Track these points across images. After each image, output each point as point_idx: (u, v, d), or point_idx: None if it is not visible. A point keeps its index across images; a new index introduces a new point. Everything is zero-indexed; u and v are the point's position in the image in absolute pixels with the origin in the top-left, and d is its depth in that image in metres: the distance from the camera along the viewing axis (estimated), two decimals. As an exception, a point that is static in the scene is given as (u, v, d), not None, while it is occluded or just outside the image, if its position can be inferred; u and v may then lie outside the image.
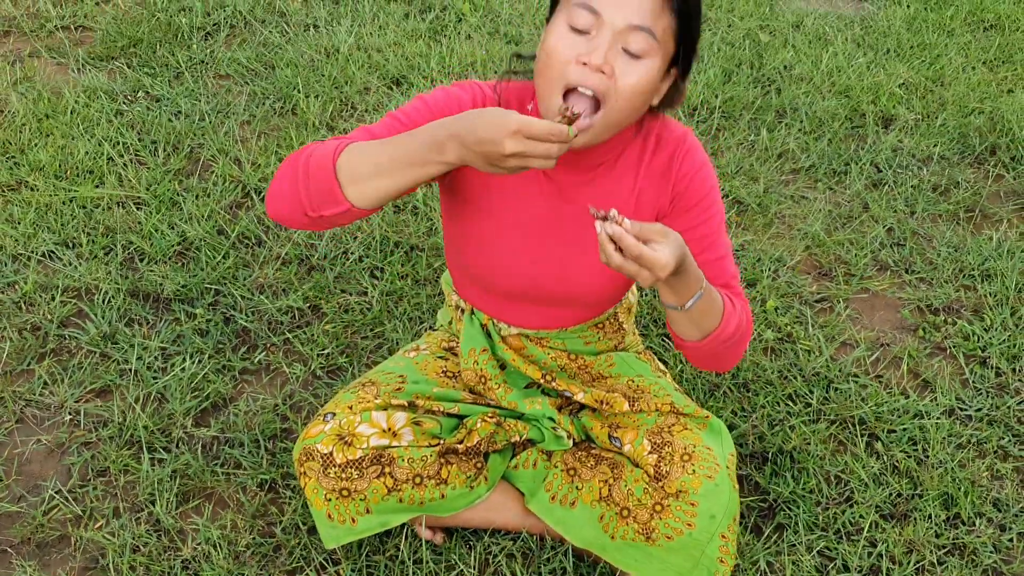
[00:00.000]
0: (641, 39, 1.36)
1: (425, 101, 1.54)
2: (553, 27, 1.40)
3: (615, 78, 1.36)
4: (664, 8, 1.36)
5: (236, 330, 2.42)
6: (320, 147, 1.42)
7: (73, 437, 2.12)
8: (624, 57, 1.37)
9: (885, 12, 4.30)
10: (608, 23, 1.35)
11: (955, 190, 3.10)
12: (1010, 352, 2.46)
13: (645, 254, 1.26)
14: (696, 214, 1.59)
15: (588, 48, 1.36)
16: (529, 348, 1.81)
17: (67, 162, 2.93)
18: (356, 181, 1.37)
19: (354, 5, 4.05)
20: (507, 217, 1.61)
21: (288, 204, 1.43)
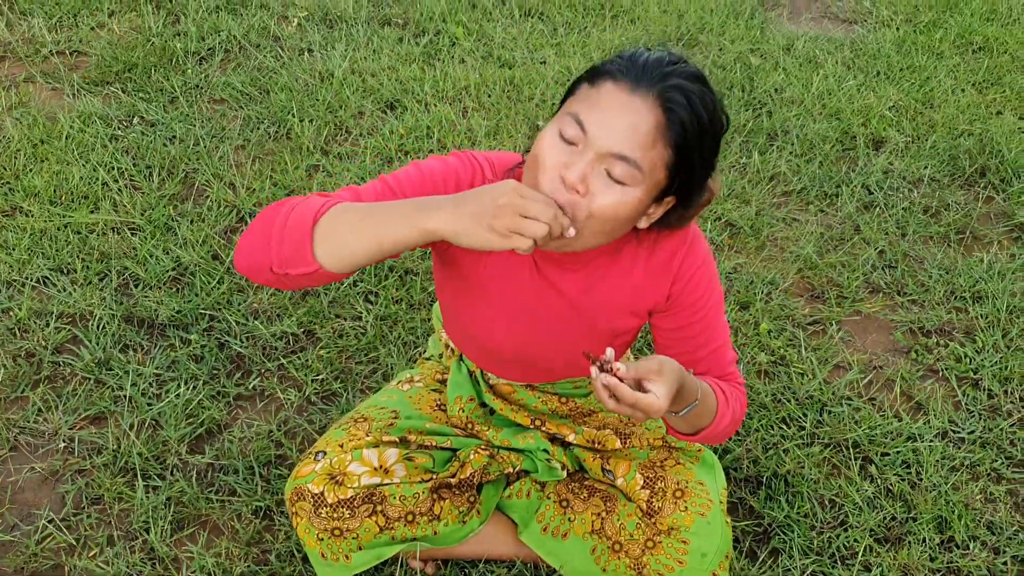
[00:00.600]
0: (624, 168, 1.27)
1: (419, 168, 1.48)
2: (547, 131, 1.33)
3: (590, 197, 1.29)
4: (657, 141, 1.27)
5: (231, 356, 2.42)
6: (304, 203, 1.35)
7: (67, 465, 2.12)
8: (605, 179, 1.29)
9: (875, 35, 4.34)
10: (593, 143, 1.27)
11: (946, 212, 3.12)
12: (1002, 374, 2.47)
13: (640, 402, 1.25)
14: (691, 312, 1.57)
15: (569, 161, 1.29)
16: (519, 392, 1.80)
17: (62, 187, 2.94)
18: (329, 240, 1.30)
19: (348, 30, 4.07)
20: (498, 302, 1.58)
21: (257, 256, 1.35)
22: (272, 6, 4.22)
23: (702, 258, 1.55)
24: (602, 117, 1.27)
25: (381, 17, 4.24)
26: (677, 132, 1.27)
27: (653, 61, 1.29)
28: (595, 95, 1.29)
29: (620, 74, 1.28)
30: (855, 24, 4.52)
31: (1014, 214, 3.12)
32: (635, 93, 1.27)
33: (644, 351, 2.48)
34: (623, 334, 1.63)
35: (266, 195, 2.96)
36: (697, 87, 1.29)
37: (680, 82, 1.27)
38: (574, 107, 1.31)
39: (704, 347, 1.58)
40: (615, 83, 1.28)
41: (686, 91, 1.27)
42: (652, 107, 1.26)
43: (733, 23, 4.32)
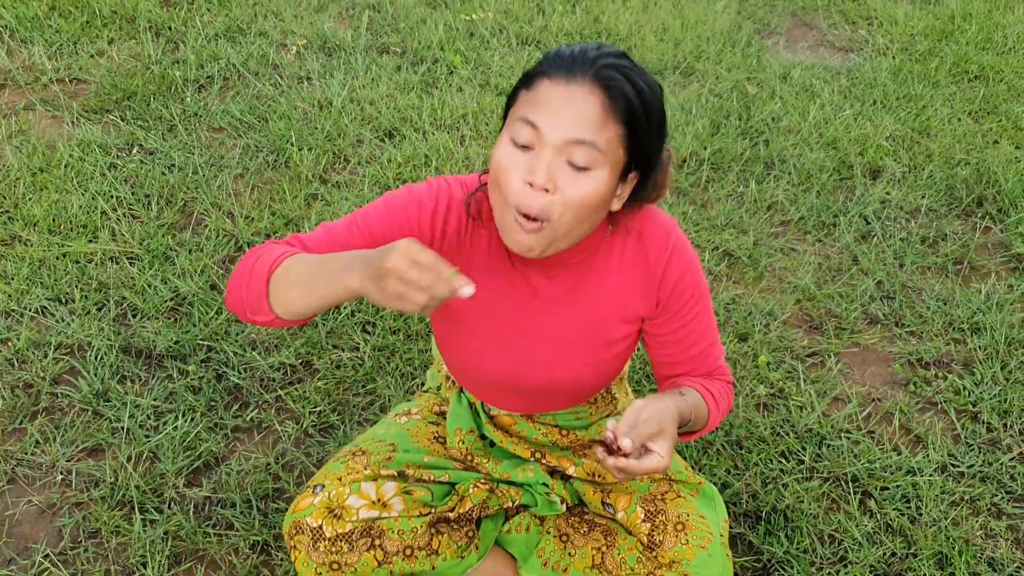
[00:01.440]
0: (584, 152, 1.31)
1: (386, 203, 1.51)
2: (500, 142, 1.36)
3: (560, 191, 1.32)
4: (608, 119, 1.31)
5: (228, 387, 2.42)
6: (267, 254, 1.39)
7: (65, 497, 2.11)
8: (569, 170, 1.32)
9: (871, 63, 4.36)
10: (548, 138, 1.31)
11: (943, 242, 3.13)
12: (1001, 407, 2.47)
13: (648, 469, 1.34)
14: (679, 316, 1.60)
15: (531, 165, 1.32)
16: (519, 424, 1.80)
17: (61, 216, 2.94)
18: (280, 294, 1.35)
19: (347, 58, 4.09)
20: (484, 330, 1.60)
21: (235, 300, 1.42)
22: (271, 34, 4.24)
23: (687, 264, 1.59)
24: (550, 111, 1.32)
25: (379, 46, 4.26)
26: (623, 106, 1.32)
27: (578, 52, 1.34)
28: (535, 96, 1.34)
29: (553, 70, 1.33)
30: (851, 53, 4.54)
31: (1011, 244, 3.13)
32: (572, 83, 1.32)
33: (643, 383, 2.48)
34: (616, 343, 1.63)
35: (264, 224, 2.97)
36: (626, 62, 1.35)
37: (611, 60, 1.33)
38: (519, 112, 1.35)
39: (694, 347, 1.63)
40: (551, 80, 1.33)
41: (619, 67, 1.33)
42: (592, 90, 1.31)
43: (730, 52, 4.34)
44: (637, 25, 4.54)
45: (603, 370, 1.67)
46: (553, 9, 4.64)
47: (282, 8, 4.48)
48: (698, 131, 3.63)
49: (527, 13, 4.60)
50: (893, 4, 5.02)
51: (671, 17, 4.63)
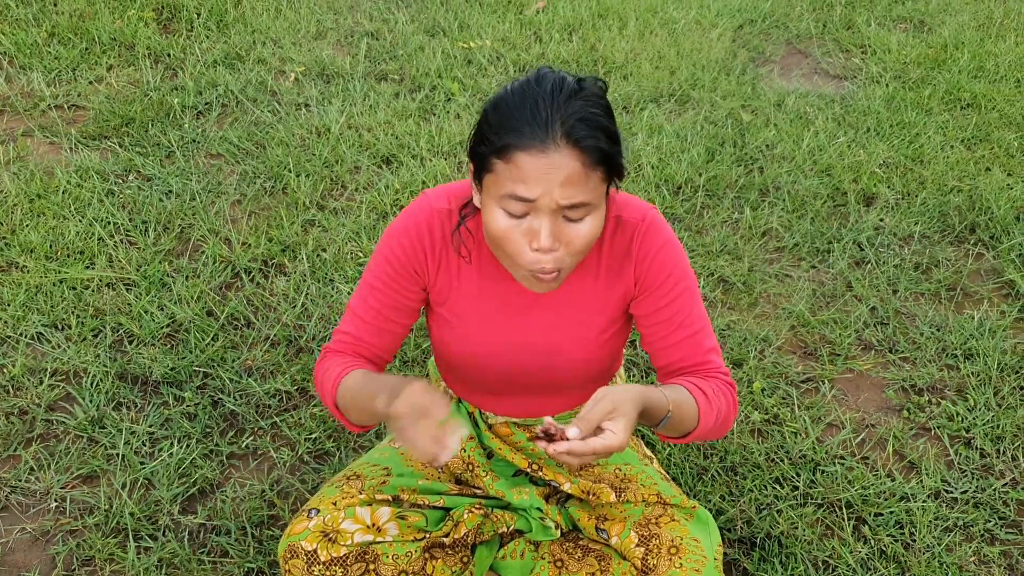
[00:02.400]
0: (578, 210, 1.39)
1: (383, 255, 1.63)
2: (491, 213, 1.43)
3: (567, 243, 1.42)
4: (589, 172, 1.37)
5: (224, 414, 2.42)
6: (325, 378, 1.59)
7: (58, 525, 2.11)
8: (568, 223, 1.41)
9: (865, 91, 4.40)
10: (542, 205, 1.37)
11: (936, 269, 3.15)
12: (994, 433, 2.48)
13: (597, 448, 1.30)
14: (662, 294, 1.62)
15: (532, 231, 1.40)
16: (517, 435, 1.83)
17: (58, 243, 2.96)
18: (349, 416, 1.57)
19: (345, 85, 4.12)
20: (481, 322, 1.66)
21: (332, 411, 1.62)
22: (270, 61, 4.27)
23: (663, 240, 1.62)
24: (537, 185, 1.36)
25: (378, 73, 4.29)
26: (597, 156, 1.37)
27: (540, 107, 1.36)
28: (516, 171, 1.37)
29: (524, 141, 1.35)
30: (845, 81, 4.58)
31: (1004, 271, 3.15)
32: (547, 151, 1.35)
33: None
34: (606, 328, 1.67)
35: (261, 251, 2.98)
36: (581, 104, 1.37)
37: (575, 113, 1.36)
38: (505, 187, 1.38)
39: (681, 330, 1.63)
40: (527, 152, 1.35)
41: (582, 117, 1.36)
42: (568, 154, 1.35)
43: (724, 79, 4.38)
44: (633, 53, 4.58)
45: (596, 358, 1.70)
46: (550, 37, 4.69)
47: (281, 35, 4.52)
48: (693, 158, 3.65)
49: (524, 41, 4.64)
50: (886, 33, 5.07)
51: (667, 45, 4.67)
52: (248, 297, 2.81)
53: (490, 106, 1.43)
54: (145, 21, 4.51)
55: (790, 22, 5.17)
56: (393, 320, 1.65)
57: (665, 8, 5.14)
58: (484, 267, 1.63)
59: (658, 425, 1.49)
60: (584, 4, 5.11)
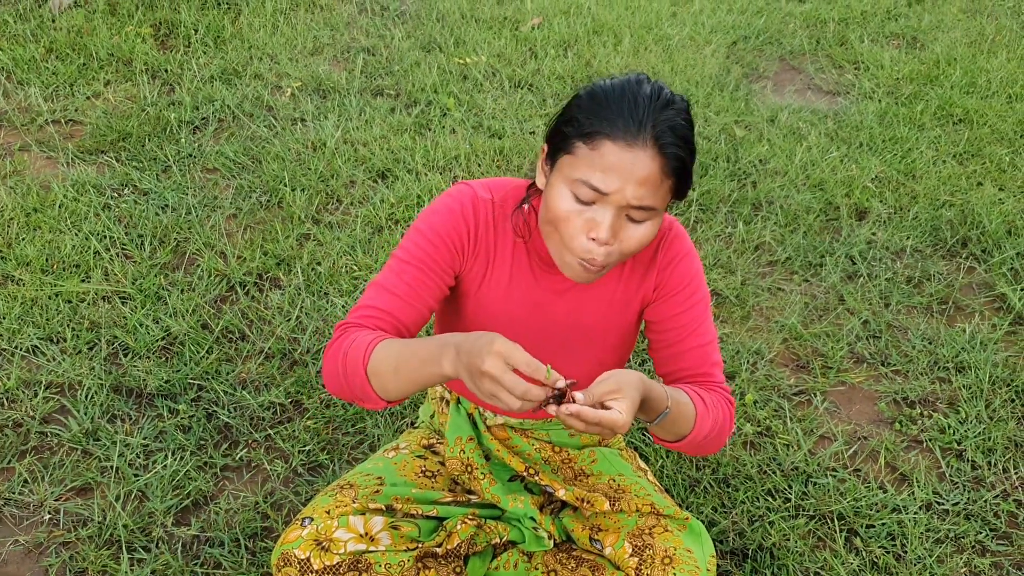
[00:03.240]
0: (643, 212, 1.44)
1: (422, 232, 1.61)
2: (558, 193, 1.46)
3: (620, 241, 1.46)
4: (663, 180, 1.42)
5: (218, 426, 2.43)
6: (355, 346, 1.48)
7: (52, 537, 2.11)
8: (629, 223, 1.45)
9: (857, 107, 4.43)
10: (612, 200, 1.42)
11: (928, 283, 3.17)
12: (985, 445, 2.49)
13: (604, 420, 1.31)
14: (679, 301, 1.67)
15: (594, 221, 1.44)
16: (514, 439, 1.85)
17: (54, 256, 2.97)
18: (381, 382, 1.45)
19: (341, 100, 4.15)
20: (496, 320, 1.69)
21: (340, 391, 1.53)
22: (266, 77, 4.30)
23: (686, 250, 1.68)
24: (615, 177, 1.40)
25: (373, 88, 4.32)
26: (676, 166, 1.42)
27: (636, 105, 1.41)
28: (598, 158, 1.41)
29: (615, 132, 1.40)
30: (838, 96, 4.61)
31: (995, 284, 3.16)
32: (635, 148, 1.39)
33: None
34: (615, 332, 1.72)
35: (256, 264, 2.99)
36: (674, 114, 1.42)
37: (666, 120, 1.41)
38: (581, 172, 1.43)
39: (691, 338, 1.67)
40: (613, 143, 1.40)
41: (673, 126, 1.41)
42: (652, 156, 1.40)
43: (718, 95, 4.41)
44: (628, 69, 4.60)
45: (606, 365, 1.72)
46: (545, 53, 4.72)
47: (277, 51, 4.55)
48: (686, 173, 3.67)
49: (520, 57, 4.67)
50: (879, 49, 5.11)
51: (661, 62, 4.70)
52: (243, 310, 2.82)
53: (585, 92, 1.47)
54: (143, 37, 4.54)
55: (783, 39, 5.21)
56: (424, 297, 1.61)
57: (660, 25, 5.18)
58: (516, 263, 1.66)
59: (655, 421, 1.50)
60: (579, 21, 5.15)
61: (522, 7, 5.32)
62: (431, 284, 1.61)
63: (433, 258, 1.61)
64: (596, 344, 1.73)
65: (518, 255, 1.66)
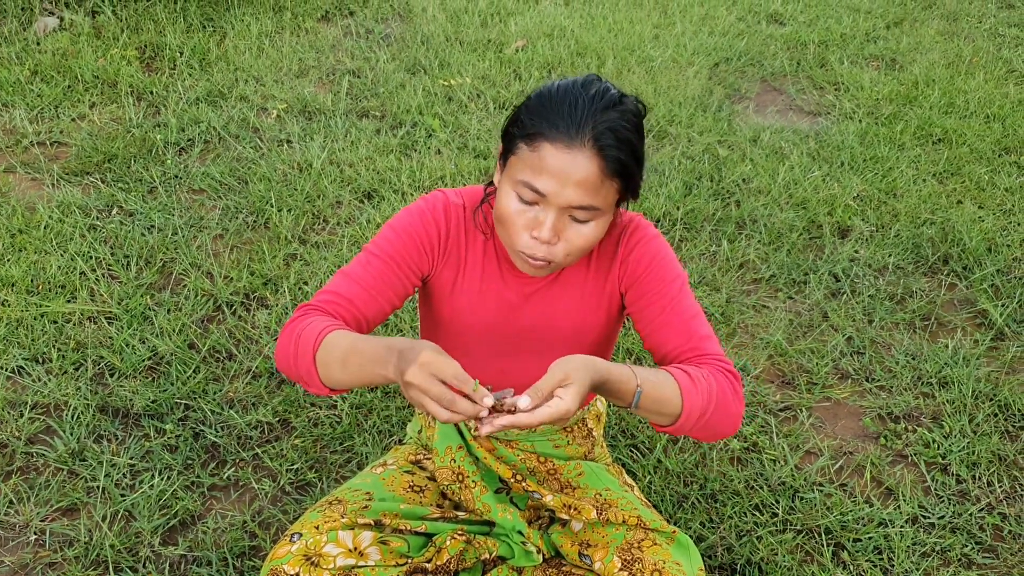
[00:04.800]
0: (584, 213, 1.46)
1: (394, 229, 1.65)
2: (504, 194, 1.50)
3: (564, 240, 1.48)
4: (604, 180, 1.44)
5: (205, 445, 2.42)
6: (310, 329, 1.49)
7: (38, 558, 2.10)
8: (572, 223, 1.48)
9: (838, 127, 4.48)
10: (552, 201, 1.44)
11: (911, 299, 3.20)
12: (969, 459, 2.51)
13: (544, 417, 1.30)
14: (648, 282, 1.66)
15: (536, 220, 1.47)
16: (500, 450, 1.85)
17: (39, 277, 2.96)
18: (327, 371, 1.46)
19: (327, 121, 4.16)
20: (473, 322, 1.73)
21: (288, 371, 1.54)
22: (252, 99, 4.31)
23: (648, 236, 1.69)
24: (552, 179, 1.43)
25: (359, 109, 4.34)
26: (616, 167, 1.43)
27: (578, 108, 1.42)
28: (537, 160, 1.43)
29: (553, 134, 1.42)
30: (819, 117, 4.67)
31: (976, 300, 3.20)
32: (572, 149, 1.41)
33: (618, 438, 2.51)
34: (589, 331, 1.74)
35: (243, 284, 3.00)
36: (617, 116, 1.43)
37: (606, 122, 1.42)
38: (523, 173, 1.46)
39: (671, 316, 1.62)
40: (552, 144, 1.42)
41: (613, 127, 1.42)
42: (590, 156, 1.41)
43: (701, 116, 4.45)
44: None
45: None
46: (529, 75, 4.75)
47: (263, 73, 4.57)
48: (671, 192, 3.71)
49: (504, 79, 4.71)
50: (859, 70, 5.17)
51: (644, 83, 4.75)
52: (230, 330, 2.82)
53: (534, 94, 1.50)
54: (128, 60, 4.55)
55: (765, 60, 5.27)
56: (387, 291, 1.63)
57: (642, 47, 5.23)
58: (487, 267, 1.69)
59: (631, 404, 1.44)
60: (563, 43, 5.19)
61: (506, 30, 5.36)
62: (395, 280, 1.64)
63: (401, 254, 1.64)
64: (572, 344, 1.74)
65: (488, 259, 1.70)
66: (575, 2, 6.02)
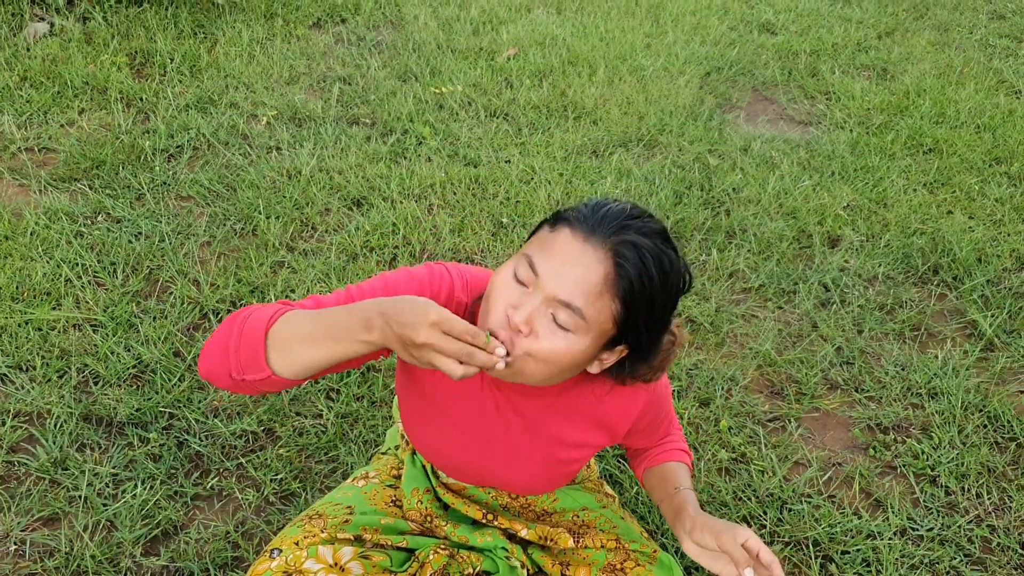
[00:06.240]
0: (567, 315, 1.29)
1: (385, 280, 1.49)
2: (504, 268, 1.35)
3: (534, 336, 1.30)
4: (604, 293, 1.28)
5: (189, 455, 2.40)
6: (260, 310, 1.38)
7: (17, 568, 2.07)
8: (550, 323, 1.30)
9: (829, 136, 4.48)
10: (543, 286, 1.30)
11: (900, 309, 3.19)
12: (959, 471, 2.50)
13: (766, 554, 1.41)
14: (658, 411, 1.73)
15: (519, 302, 1.31)
16: (469, 489, 1.82)
17: (24, 284, 2.94)
18: (282, 348, 1.32)
19: (317, 129, 4.15)
20: (451, 420, 1.62)
21: (217, 362, 1.37)
22: (242, 106, 4.30)
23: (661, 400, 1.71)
24: (553, 263, 1.30)
25: (349, 117, 4.32)
26: (625, 287, 1.29)
27: (614, 213, 1.31)
28: (551, 240, 1.32)
29: (578, 222, 1.31)
30: (810, 126, 4.67)
31: (966, 311, 3.19)
32: (588, 243, 1.29)
33: (607, 449, 2.49)
34: (575, 462, 1.68)
35: (230, 292, 2.98)
36: (652, 244, 1.30)
37: (636, 238, 1.29)
38: (531, 249, 1.33)
39: (663, 423, 1.78)
40: (572, 231, 1.31)
41: (639, 247, 1.28)
42: (602, 259, 1.28)
43: (692, 125, 4.45)
44: (603, 99, 4.64)
45: (555, 480, 1.70)
46: (521, 83, 4.75)
47: (253, 80, 4.55)
48: (661, 201, 3.70)
49: (495, 87, 4.70)
50: (850, 80, 5.18)
51: (635, 92, 4.74)
52: (216, 338, 2.79)
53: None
54: (118, 66, 4.53)
55: (756, 70, 5.27)
56: None
57: (634, 56, 5.23)
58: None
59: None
60: (554, 51, 5.19)
61: (498, 38, 5.36)
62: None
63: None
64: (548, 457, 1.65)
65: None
66: (567, 11, 6.02)
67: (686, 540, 1.52)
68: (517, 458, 1.64)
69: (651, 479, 1.79)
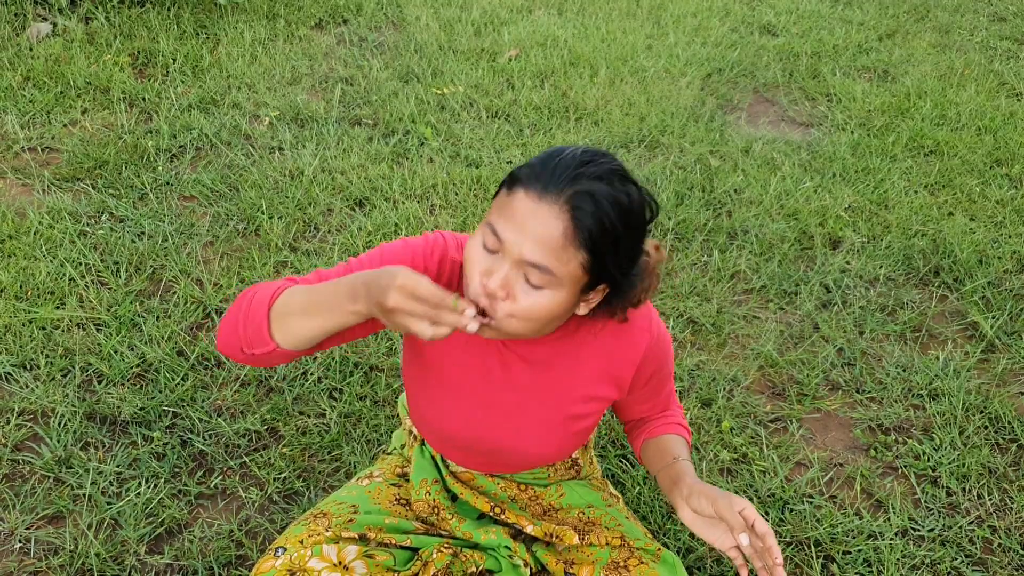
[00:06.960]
0: (538, 275, 1.32)
1: (382, 251, 1.54)
2: (472, 239, 1.39)
3: (512, 298, 1.34)
4: (567, 246, 1.30)
5: (193, 453, 2.41)
6: (265, 287, 1.43)
7: (22, 566, 2.08)
8: (524, 284, 1.34)
9: (830, 138, 4.49)
10: (509, 252, 1.32)
11: (902, 311, 3.20)
12: (959, 471, 2.51)
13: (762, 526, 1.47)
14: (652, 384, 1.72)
15: (491, 268, 1.34)
16: (478, 479, 1.82)
17: (28, 283, 2.94)
18: (282, 322, 1.38)
19: (319, 129, 4.16)
20: (455, 390, 1.63)
21: (230, 338, 1.43)
22: (244, 106, 4.31)
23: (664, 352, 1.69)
24: (513, 227, 1.31)
25: (351, 117, 4.33)
26: (585, 237, 1.30)
27: (564, 162, 1.32)
28: (509, 204, 1.33)
29: (530, 180, 1.32)
30: (811, 128, 4.68)
31: (967, 312, 3.20)
32: (543, 200, 1.30)
33: (608, 449, 2.50)
34: (581, 419, 1.68)
35: (233, 291, 2.98)
36: (607, 187, 1.31)
37: (589, 185, 1.30)
38: (492, 216, 1.35)
39: (656, 397, 1.77)
40: (525, 191, 1.32)
41: (594, 194, 1.29)
42: (558, 214, 1.29)
43: (693, 126, 4.46)
44: (604, 100, 4.65)
45: (565, 444, 1.71)
46: (522, 84, 4.76)
47: (256, 81, 4.56)
48: (663, 202, 3.71)
49: (497, 88, 4.71)
50: (851, 82, 5.19)
51: (637, 93, 4.75)
52: (219, 337, 2.80)
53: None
54: (121, 66, 4.54)
55: (757, 71, 5.28)
56: None
57: (635, 57, 5.24)
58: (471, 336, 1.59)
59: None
60: (556, 52, 5.20)
61: (499, 39, 5.37)
62: None
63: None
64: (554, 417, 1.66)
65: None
66: (568, 12, 6.03)
67: (683, 506, 1.54)
68: (527, 422, 1.65)
69: (649, 451, 1.77)
